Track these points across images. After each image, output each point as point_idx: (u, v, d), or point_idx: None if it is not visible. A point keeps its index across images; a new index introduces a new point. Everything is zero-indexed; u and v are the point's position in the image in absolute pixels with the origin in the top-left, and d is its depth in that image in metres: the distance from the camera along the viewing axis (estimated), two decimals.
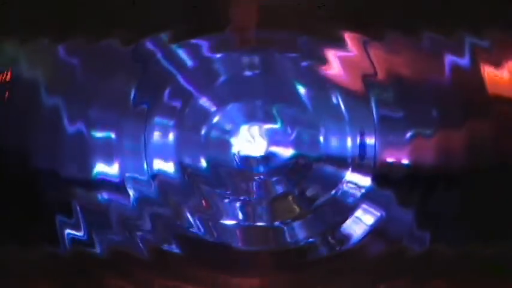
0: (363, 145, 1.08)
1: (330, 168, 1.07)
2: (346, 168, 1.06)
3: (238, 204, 1.00)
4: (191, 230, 0.98)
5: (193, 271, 0.80)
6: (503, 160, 1.02)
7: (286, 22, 0.99)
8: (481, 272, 0.77)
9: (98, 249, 0.96)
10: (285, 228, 0.98)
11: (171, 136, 1.10)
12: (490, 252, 0.79)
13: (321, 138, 1.09)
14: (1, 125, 1.03)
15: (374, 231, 0.96)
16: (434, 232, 0.94)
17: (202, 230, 0.98)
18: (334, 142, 1.09)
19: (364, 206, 1.01)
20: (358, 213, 0.99)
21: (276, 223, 0.98)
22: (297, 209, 1.00)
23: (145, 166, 1.10)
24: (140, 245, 0.96)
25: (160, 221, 1.00)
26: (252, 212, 0.99)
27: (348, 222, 0.97)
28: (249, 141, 1.11)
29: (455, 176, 1.02)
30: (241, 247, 0.94)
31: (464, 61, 1.01)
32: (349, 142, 1.09)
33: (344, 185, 1.04)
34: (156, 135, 1.10)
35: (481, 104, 1.03)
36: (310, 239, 0.95)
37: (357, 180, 1.04)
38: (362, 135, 1.07)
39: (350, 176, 1.05)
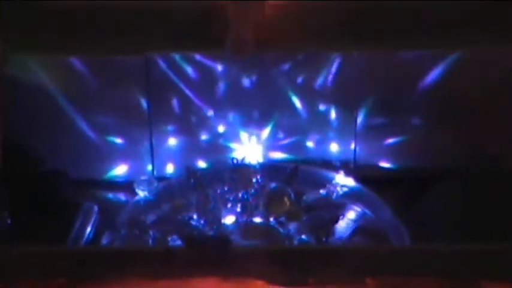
0: (347, 150, 1.09)
1: (318, 171, 1.09)
2: (334, 170, 1.08)
3: (236, 202, 1.00)
4: (194, 226, 0.98)
5: (196, 264, 0.77)
6: (476, 163, 1.04)
7: (281, 38, 1.00)
8: (462, 267, 0.75)
9: (108, 245, 0.96)
10: (279, 225, 0.99)
11: (175, 141, 1.12)
12: (471, 248, 0.77)
13: (311, 143, 1.12)
14: (21, 130, 1.04)
15: (361, 229, 0.98)
16: (416, 230, 0.95)
17: (204, 226, 0.99)
18: (322, 147, 1.11)
19: (351, 205, 1.02)
20: (346, 211, 1.01)
21: (271, 220, 0.99)
22: (290, 207, 1.01)
23: (151, 168, 1.12)
24: (147, 240, 0.96)
25: (165, 219, 1.00)
26: (249, 209, 1.00)
27: (337, 219, 0.98)
28: (246, 145, 1.13)
29: (431, 178, 1.04)
30: (240, 242, 0.93)
31: (440, 73, 1.02)
32: (335, 147, 1.12)
33: (332, 186, 1.05)
34: (161, 140, 1.11)
35: (455, 113, 1.05)
36: (303, 236, 0.94)
37: (343, 182, 1.06)
38: (346, 141, 1.08)
39: (337, 177, 1.07)
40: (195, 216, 0.99)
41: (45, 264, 0.78)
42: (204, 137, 1.08)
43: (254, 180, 1.02)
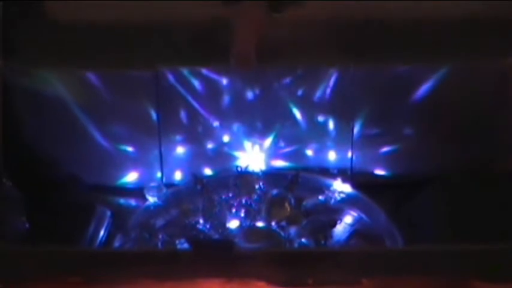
0: (344, 158, 1.09)
1: (317, 178, 1.09)
2: (331, 177, 1.08)
3: (240, 208, 1.01)
4: (200, 229, 0.98)
5: (202, 265, 0.77)
6: (462, 169, 1.04)
7: (282, 54, 1.01)
8: (453, 267, 0.75)
9: (119, 247, 0.97)
10: (280, 229, 0.98)
11: (182, 150, 1.12)
12: (461, 249, 0.77)
13: (310, 152, 1.11)
14: (40, 139, 1.04)
15: (357, 232, 0.97)
16: (409, 232, 0.93)
17: (210, 229, 0.99)
18: (320, 155, 1.11)
19: (348, 210, 1.02)
20: (343, 216, 1.01)
21: (273, 224, 0.99)
22: (291, 212, 1.00)
23: (160, 176, 1.12)
24: (156, 243, 0.96)
25: (173, 223, 1.01)
26: (252, 214, 1.01)
27: (335, 225, 0.98)
28: (250, 154, 1.12)
29: (422, 183, 1.04)
30: (243, 245, 0.92)
31: (429, 87, 1.02)
32: (333, 155, 1.11)
33: (330, 192, 1.05)
34: (170, 149, 1.11)
35: (443, 123, 1.05)
36: (303, 239, 0.93)
37: (341, 188, 1.06)
38: (343, 149, 1.08)
39: (335, 184, 1.07)
40: (201, 221, 0.99)
41: (61, 264, 0.77)
42: (210, 146, 1.08)
43: (257, 186, 1.03)
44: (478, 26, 0.98)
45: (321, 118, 1.06)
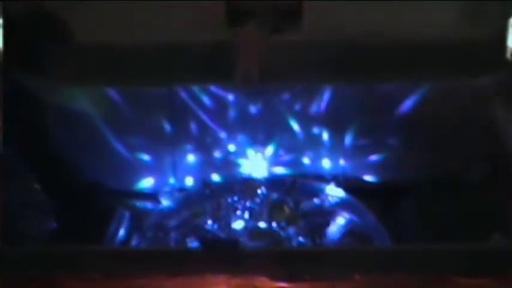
0: (337, 166, 1.09)
1: (313, 183, 1.08)
2: (326, 183, 1.08)
3: (244, 210, 1.01)
4: (208, 229, 0.98)
5: (210, 262, 0.77)
6: (442, 177, 1.04)
7: (282, 73, 1.01)
8: (435, 264, 0.75)
9: (137, 246, 0.97)
10: (280, 229, 0.98)
11: (193, 158, 1.11)
12: (443, 248, 0.77)
13: (306, 160, 1.11)
14: (68, 149, 1.05)
15: (350, 232, 0.95)
16: (394, 233, 0.93)
17: (217, 229, 0.99)
18: (316, 163, 1.11)
19: (340, 212, 1.02)
20: (336, 217, 1.00)
21: (274, 225, 0.98)
22: (289, 214, 1.00)
23: (173, 181, 1.11)
24: (169, 242, 0.96)
25: (185, 223, 1.01)
26: (255, 215, 1.00)
27: (329, 225, 0.97)
28: (253, 162, 1.12)
29: (406, 189, 1.04)
30: (247, 243, 0.92)
31: (412, 103, 1.02)
32: (327, 163, 1.11)
33: (324, 196, 1.05)
34: (182, 157, 1.10)
35: (425, 135, 1.04)
36: (300, 238, 0.92)
37: (334, 193, 1.06)
38: (336, 158, 1.08)
39: (328, 189, 1.07)
40: (209, 222, 0.98)
41: (85, 261, 0.77)
42: (217, 154, 1.07)
43: (259, 191, 1.02)
44: (454, 50, 0.98)
45: (316, 130, 1.05)
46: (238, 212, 0.99)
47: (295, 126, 1.06)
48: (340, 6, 0.97)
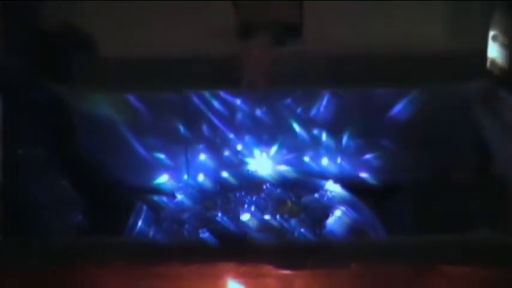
0: (335, 164, 1.09)
1: (313, 179, 1.08)
2: (325, 179, 1.08)
3: (251, 204, 1.01)
4: (219, 222, 0.98)
5: (220, 251, 0.77)
6: (432, 176, 1.03)
7: (284, 80, 1.01)
8: (425, 254, 0.75)
9: (154, 237, 0.96)
10: (284, 221, 0.98)
11: (205, 157, 1.12)
12: (432, 239, 0.77)
13: (307, 159, 1.11)
14: (93, 151, 1.06)
15: (346, 224, 0.95)
16: (391, 226, 0.93)
17: (226, 222, 0.98)
18: (316, 161, 1.11)
19: (338, 206, 1.01)
20: (335, 211, 1.00)
21: (278, 217, 0.98)
22: (292, 207, 1.00)
23: (187, 178, 1.12)
24: (183, 233, 0.97)
25: (198, 217, 1.01)
26: (261, 209, 1.00)
27: (328, 217, 0.97)
28: (258, 160, 1.12)
29: (398, 187, 1.04)
30: (254, 235, 0.92)
31: (403, 106, 1.02)
32: (326, 162, 1.11)
33: (323, 191, 1.05)
34: (195, 156, 1.11)
35: (416, 137, 1.04)
36: (302, 230, 0.93)
37: (332, 188, 1.06)
38: (334, 157, 1.08)
39: (327, 185, 1.07)
40: (219, 214, 0.98)
41: (107, 251, 0.78)
42: (226, 153, 1.08)
43: (264, 187, 1.03)
44: (442, 60, 0.98)
45: (315, 131, 1.06)
46: (246, 206, 0.99)
47: (297, 128, 1.07)
48: (338, 20, 0.98)
